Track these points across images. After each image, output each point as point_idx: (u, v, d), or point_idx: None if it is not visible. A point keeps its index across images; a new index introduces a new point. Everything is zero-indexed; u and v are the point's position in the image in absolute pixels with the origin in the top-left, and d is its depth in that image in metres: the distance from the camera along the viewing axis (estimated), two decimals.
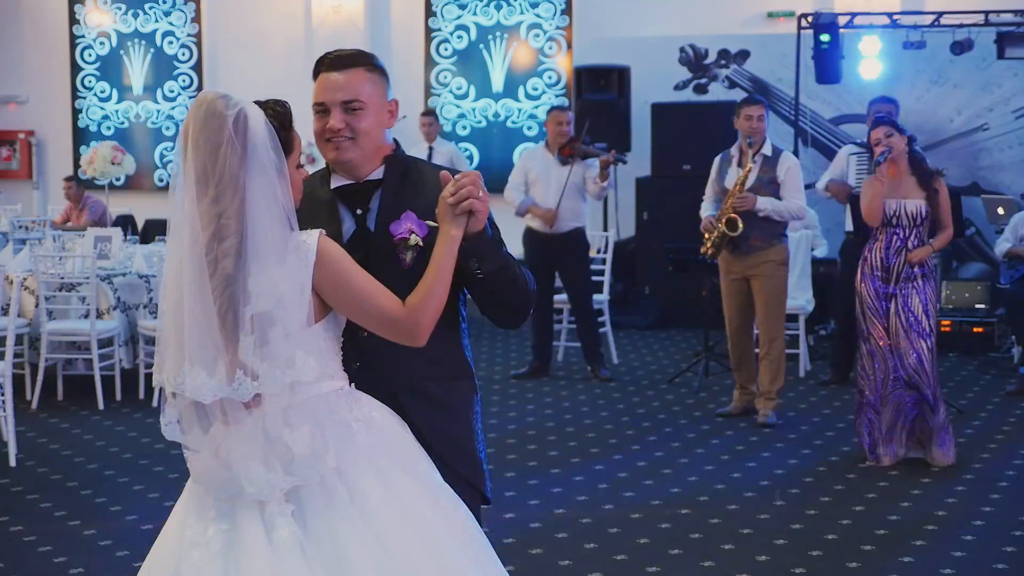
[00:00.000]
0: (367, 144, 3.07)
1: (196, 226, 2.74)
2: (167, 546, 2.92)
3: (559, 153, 9.12)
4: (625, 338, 10.93)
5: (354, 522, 2.79)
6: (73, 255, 8.89)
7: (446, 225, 2.90)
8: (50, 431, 7.90)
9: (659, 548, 5.69)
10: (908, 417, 6.94)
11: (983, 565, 5.49)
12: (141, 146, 13.93)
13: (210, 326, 2.74)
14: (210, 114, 2.76)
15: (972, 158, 11.75)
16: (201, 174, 2.75)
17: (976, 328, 10.25)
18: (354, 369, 2.97)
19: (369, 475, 2.83)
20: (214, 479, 2.83)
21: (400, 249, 2.97)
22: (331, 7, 13.33)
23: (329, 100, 3.05)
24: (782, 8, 12.40)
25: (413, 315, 2.87)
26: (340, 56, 3.08)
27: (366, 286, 2.86)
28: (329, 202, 3.11)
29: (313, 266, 2.80)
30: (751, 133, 7.80)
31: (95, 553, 5.66)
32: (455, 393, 3.15)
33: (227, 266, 2.73)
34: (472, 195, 2.89)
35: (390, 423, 2.95)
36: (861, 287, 7.01)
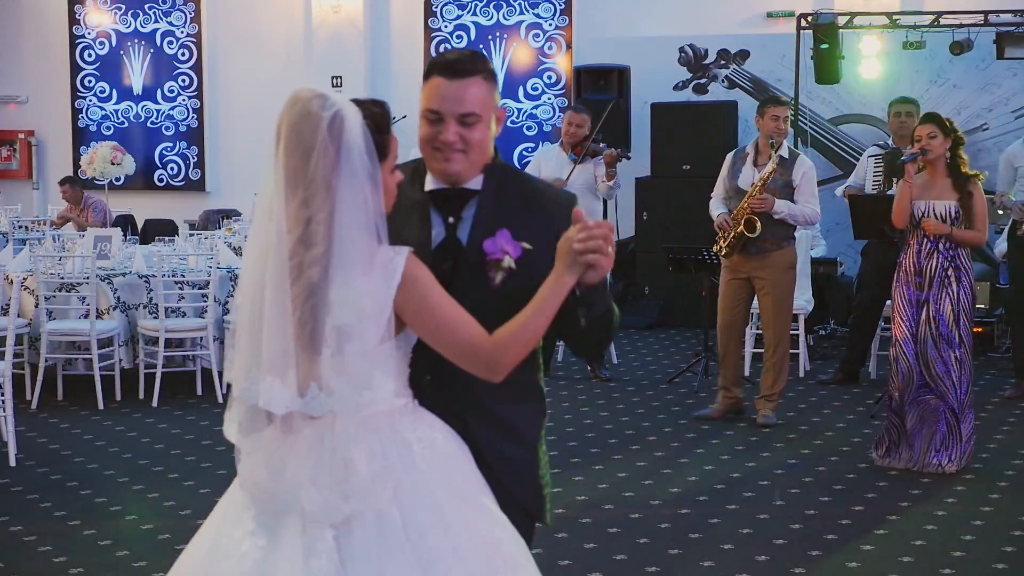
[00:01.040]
0: (478, 156, 2.92)
1: (282, 228, 2.63)
2: (199, 551, 2.81)
3: (572, 152, 9.19)
4: (625, 338, 10.93)
5: (404, 556, 2.66)
6: (73, 255, 8.89)
7: (562, 267, 2.72)
8: (50, 431, 7.89)
9: (659, 548, 5.69)
10: (935, 423, 6.79)
11: (983, 565, 5.49)
12: (141, 146, 13.92)
13: (286, 334, 2.63)
14: (304, 114, 2.63)
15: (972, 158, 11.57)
16: (291, 175, 2.63)
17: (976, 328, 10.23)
18: (424, 383, 2.84)
19: (426, 504, 2.70)
20: (262, 489, 2.72)
21: (491, 268, 2.83)
22: (331, 7, 13.32)
23: (447, 111, 2.87)
24: (782, 8, 12.39)
25: (497, 349, 2.71)
26: (459, 61, 2.90)
27: (449, 313, 2.71)
28: (421, 204, 2.95)
29: (397, 288, 2.67)
30: (775, 134, 7.76)
31: (95, 553, 5.66)
32: (523, 417, 3.01)
33: (313, 275, 2.62)
34: (601, 250, 2.71)
35: (452, 446, 2.82)
36: (895, 293, 6.93)
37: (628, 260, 11.92)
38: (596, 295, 2.84)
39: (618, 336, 10.57)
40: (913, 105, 9.13)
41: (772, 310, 7.87)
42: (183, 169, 14.05)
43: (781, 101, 8.03)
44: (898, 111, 9.08)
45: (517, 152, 13.03)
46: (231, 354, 2.77)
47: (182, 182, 14.04)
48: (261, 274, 2.67)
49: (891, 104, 9.28)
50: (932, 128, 6.79)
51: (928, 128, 6.80)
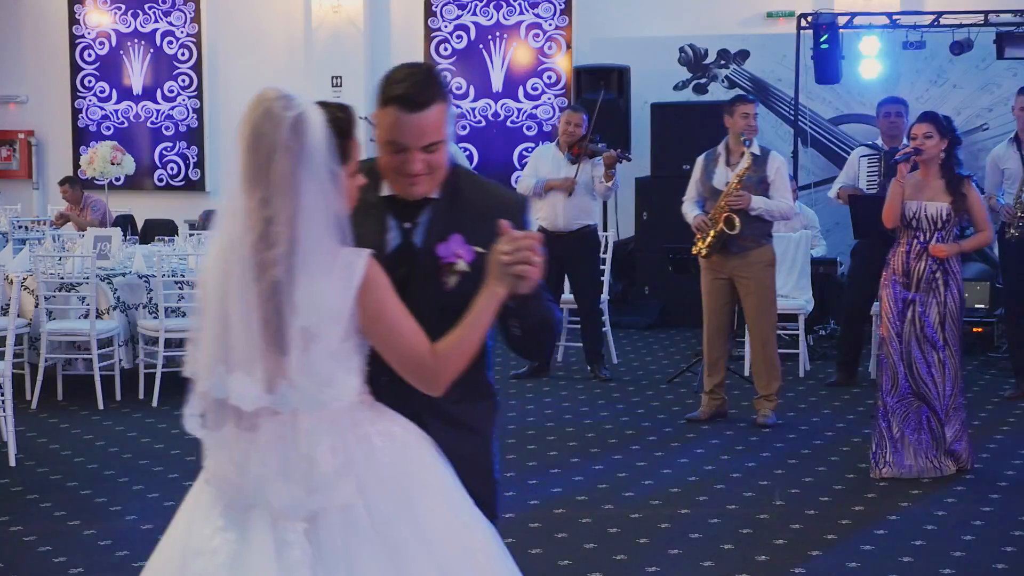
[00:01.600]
0: (440, 174, 2.97)
1: (244, 227, 2.66)
2: (170, 551, 2.85)
3: (568, 152, 9.19)
4: (625, 338, 10.93)
5: (372, 546, 2.72)
6: (73, 255, 8.89)
7: (492, 281, 2.79)
8: (50, 431, 7.90)
9: (659, 548, 5.69)
10: (921, 428, 6.73)
11: (983, 565, 5.49)
12: (141, 146, 13.92)
13: (252, 331, 2.67)
14: (267, 114, 2.65)
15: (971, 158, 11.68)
16: (253, 174, 2.66)
17: (976, 328, 10.25)
18: (381, 384, 2.89)
19: (390, 494, 2.76)
20: (229, 484, 2.76)
21: (445, 272, 2.89)
22: (331, 7, 13.33)
23: (409, 144, 2.88)
24: (782, 8, 12.40)
25: (437, 363, 2.78)
26: (416, 93, 2.85)
27: (402, 321, 2.77)
28: (378, 208, 2.98)
29: (357, 290, 2.71)
30: (746, 131, 7.79)
31: (95, 553, 5.66)
32: (477, 414, 3.10)
33: (276, 274, 2.65)
34: (528, 260, 2.77)
35: (412, 438, 2.87)
36: (883, 291, 6.85)
37: (628, 260, 11.92)
38: (528, 306, 2.89)
39: (618, 336, 10.57)
40: (903, 105, 9.14)
41: (757, 309, 7.89)
42: (183, 169, 14.06)
43: (749, 99, 8.06)
44: (887, 111, 9.09)
45: (517, 152, 13.03)
46: (193, 349, 2.80)
47: (182, 182, 14.04)
48: (224, 271, 2.71)
49: (880, 104, 9.28)
50: (928, 128, 6.69)
51: (924, 128, 6.69)
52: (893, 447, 6.72)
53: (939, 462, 6.74)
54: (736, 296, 7.95)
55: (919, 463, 6.73)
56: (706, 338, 8.03)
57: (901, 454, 6.73)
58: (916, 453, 6.73)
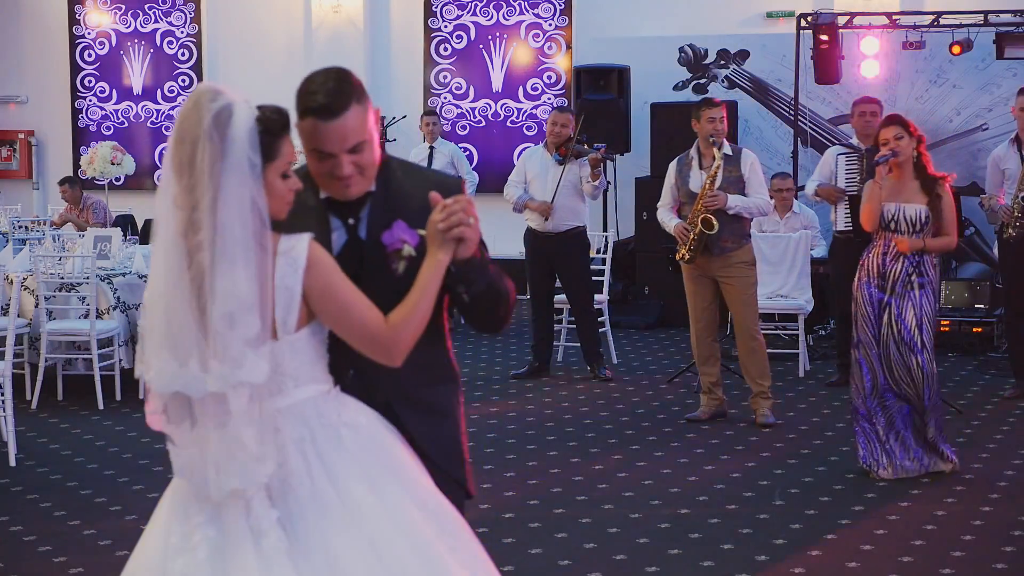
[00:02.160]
0: (372, 171, 3.03)
1: (174, 214, 2.75)
2: (150, 552, 2.89)
3: (556, 152, 9.19)
4: (625, 338, 10.93)
5: (346, 530, 2.78)
6: (73, 255, 8.89)
7: (433, 248, 2.88)
8: (50, 431, 7.90)
9: (659, 548, 5.69)
10: (906, 425, 6.72)
11: (983, 565, 5.49)
12: (141, 146, 13.93)
13: (184, 317, 2.74)
14: (194, 106, 2.75)
15: (971, 158, 11.75)
16: (179, 162, 2.75)
17: (976, 328, 10.26)
18: (348, 377, 2.97)
19: (360, 481, 2.82)
20: (201, 476, 2.82)
21: (393, 259, 2.94)
22: (331, 7, 13.34)
23: (334, 150, 2.93)
24: (781, 8, 12.40)
25: (393, 333, 2.85)
26: (329, 101, 2.90)
27: (351, 297, 2.84)
28: (318, 209, 3.05)
29: (303, 271, 2.79)
30: (714, 134, 7.83)
31: (95, 553, 5.66)
32: (444, 396, 3.18)
33: (202, 259, 2.73)
34: (462, 222, 2.86)
35: (377, 427, 2.94)
36: (857, 293, 6.81)
37: (628, 260, 11.92)
38: (471, 270, 2.95)
39: (618, 336, 10.57)
40: (878, 104, 9.16)
41: (742, 309, 7.95)
42: None
43: (714, 103, 8.09)
44: (863, 110, 9.10)
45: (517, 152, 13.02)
46: (140, 347, 2.87)
47: None
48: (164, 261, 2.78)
49: (855, 103, 9.29)
50: (898, 129, 6.67)
51: (894, 130, 6.67)
52: (882, 449, 6.69)
53: (926, 460, 6.73)
54: (718, 295, 8.02)
55: (907, 464, 6.70)
56: (694, 339, 8.11)
57: (890, 455, 6.69)
58: (903, 453, 6.71)
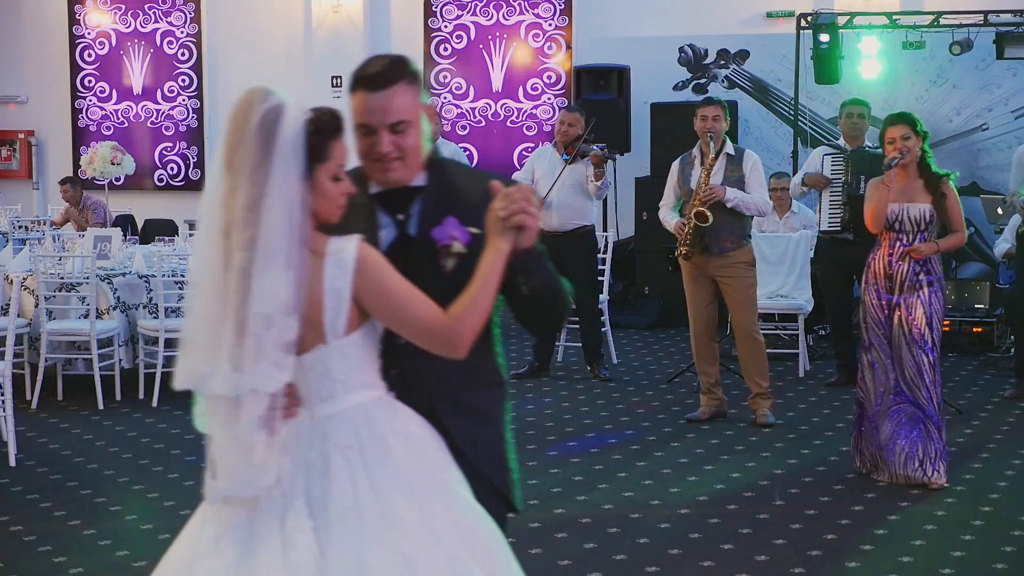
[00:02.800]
0: (414, 159, 3.00)
1: (219, 212, 2.73)
2: (180, 552, 2.86)
3: (564, 152, 9.22)
4: (625, 338, 10.93)
5: (382, 543, 2.72)
6: (73, 255, 8.89)
7: (494, 238, 2.84)
8: (50, 431, 7.90)
9: (659, 548, 5.69)
10: (910, 433, 6.59)
11: (983, 565, 5.49)
12: (141, 146, 13.92)
13: (221, 315, 2.71)
14: (245, 104, 2.74)
15: (971, 158, 11.76)
16: (227, 161, 2.74)
17: (975, 328, 10.26)
18: (391, 376, 2.91)
19: (402, 494, 2.76)
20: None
21: (442, 256, 2.90)
22: (331, 7, 13.33)
23: (376, 123, 2.94)
24: (781, 8, 12.40)
25: (455, 325, 2.79)
26: (379, 73, 2.94)
27: (407, 294, 2.79)
28: (367, 207, 3.02)
29: (353, 273, 2.75)
30: (711, 131, 7.86)
31: (95, 553, 5.66)
32: (490, 401, 3.12)
33: (242, 258, 2.70)
34: (524, 210, 2.83)
35: (427, 437, 2.88)
36: (864, 296, 6.75)
37: (628, 260, 11.92)
38: (532, 261, 2.94)
39: (618, 336, 10.57)
40: (864, 107, 9.17)
41: (741, 309, 7.95)
42: (183, 169, 14.06)
43: (710, 101, 8.15)
44: (850, 112, 9.13)
45: (517, 152, 13.03)
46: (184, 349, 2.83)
47: (182, 182, 14.04)
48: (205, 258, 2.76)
49: (843, 105, 9.31)
50: (905, 129, 6.60)
51: (902, 129, 6.60)
52: (880, 453, 6.62)
53: (931, 469, 6.55)
54: (716, 294, 8.02)
55: (910, 471, 6.57)
56: (693, 339, 8.11)
57: (890, 461, 6.60)
58: (908, 461, 6.58)
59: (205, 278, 2.74)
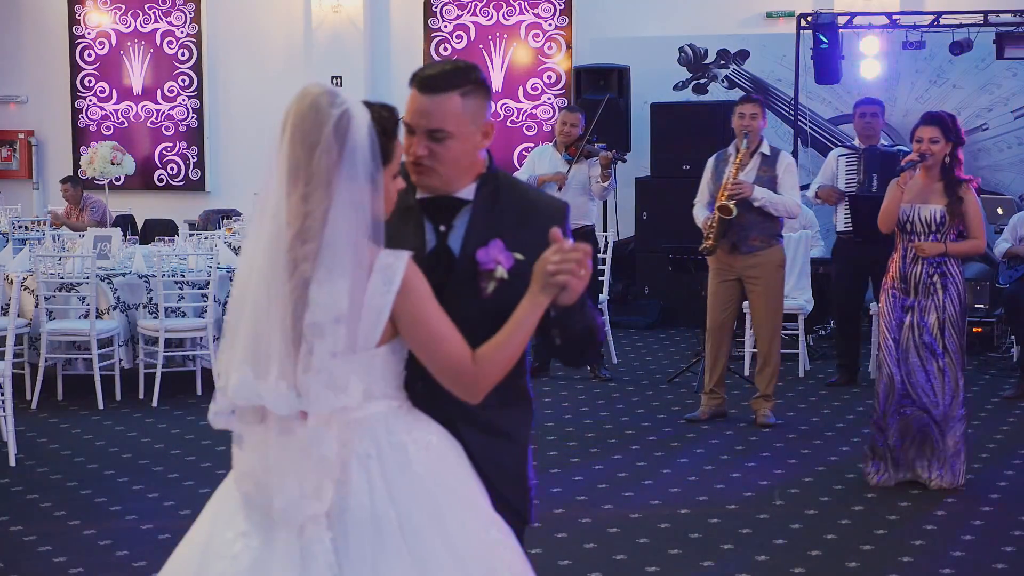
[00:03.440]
0: (449, 172, 2.92)
1: (281, 221, 2.64)
2: (190, 552, 2.79)
3: (565, 152, 9.21)
4: (625, 338, 10.93)
5: (400, 557, 2.66)
6: (73, 255, 8.89)
7: (536, 287, 2.76)
8: (50, 431, 7.90)
9: (659, 548, 5.69)
10: (915, 437, 6.52)
11: (983, 565, 5.49)
12: (141, 146, 13.92)
13: (276, 328, 2.64)
14: (313, 109, 2.63)
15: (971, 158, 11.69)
16: (293, 169, 2.64)
17: (975, 328, 10.25)
18: (416, 388, 2.86)
19: (421, 506, 2.71)
20: (255, 482, 2.71)
21: (483, 278, 2.84)
22: (331, 7, 13.33)
23: (415, 124, 2.90)
24: (781, 8, 12.40)
25: (479, 369, 2.74)
26: (433, 76, 2.89)
27: (442, 328, 2.73)
28: (415, 211, 2.95)
29: (396, 293, 2.68)
30: (747, 130, 7.81)
31: (95, 553, 5.66)
32: (512, 419, 3.04)
33: (306, 270, 2.63)
34: (574, 272, 2.74)
35: (447, 448, 2.83)
36: (881, 298, 6.69)
37: (628, 260, 11.92)
38: (571, 316, 2.87)
39: (618, 336, 10.57)
40: (878, 106, 9.18)
41: (765, 310, 7.90)
42: (183, 169, 14.05)
43: (748, 99, 8.10)
44: (863, 112, 9.16)
45: (517, 152, 13.03)
46: (225, 346, 2.76)
47: (182, 182, 14.04)
48: (262, 266, 2.67)
49: (856, 105, 9.33)
50: (935, 132, 6.44)
51: (931, 132, 6.45)
52: (884, 459, 6.57)
53: (937, 474, 6.51)
54: (742, 296, 7.97)
55: (915, 474, 6.55)
56: (709, 333, 8.00)
57: (896, 464, 6.56)
58: (913, 464, 6.55)
59: (261, 288, 2.65)
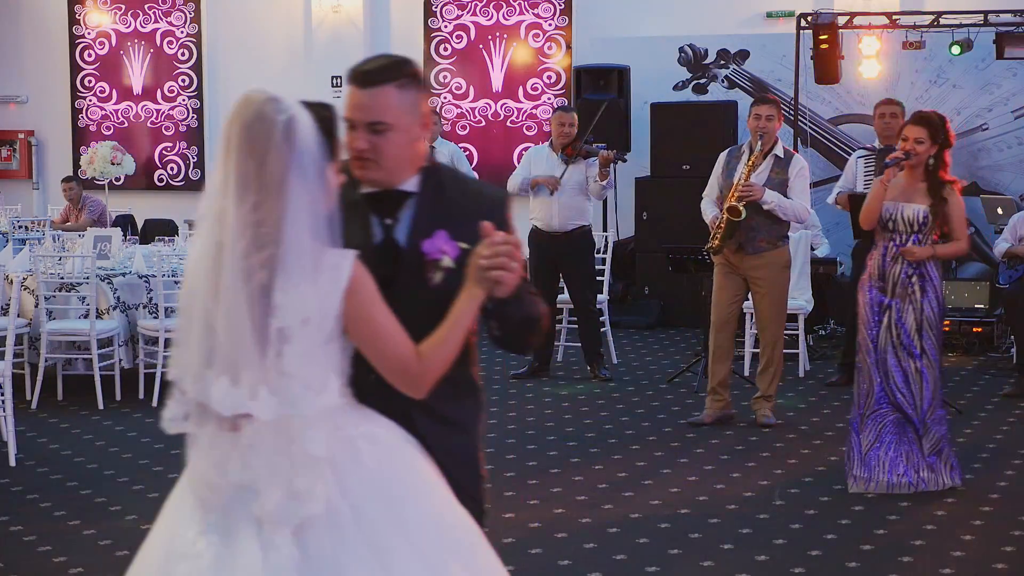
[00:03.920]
0: (392, 164, 2.96)
1: (235, 231, 2.65)
2: (153, 555, 2.83)
3: (562, 152, 9.20)
4: (625, 338, 10.93)
5: (358, 547, 2.71)
6: (73, 255, 8.89)
7: (471, 283, 2.83)
8: (50, 431, 7.90)
9: (659, 548, 5.70)
10: (899, 439, 6.49)
11: (983, 565, 5.49)
12: (141, 146, 13.92)
13: (242, 336, 2.66)
14: (258, 117, 2.64)
15: (971, 158, 11.75)
16: (242, 179, 2.64)
17: (975, 328, 10.26)
18: (370, 382, 2.89)
19: (374, 498, 2.75)
20: (211, 487, 2.75)
21: (430, 268, 2.89)
22: (331, 7, 13.33)
23: (355, 119, 2.94)
24: (781, 8, 12.40)
25: (422, 365, 2.80)
26: (368, 71, 2.93)
27: (387, 326, 2.78)
28: (360, 205, 3.00)
29: (343, 292, 2.71)
30: (762, 131, 7.77)
31: (95, 553, 5.66)
32: (465, 411, 3.12)
33: (263, 277, 2.65)
34: (504, 266, 2.81)
35: (396, 439, 2.87)
36: (860, 296, 6.67)
37: (628, 260, 11.92)
38: (508, 308, 2.93)
39: (618, 336, 10.57)
40: (898, 106, 9.18)
41: (770, 310, 7.87)
42: (183, 169, 14.05)
43: (765, 100, 8.07)
44: (883, 112, 9.16)
45: (517, 152, 13.02)
46: (177, 351, 2.80)
47: (182, 182, 14.04)
48: (211, 274, 2.69)
49: (876, 105, 9.34)
50: (921, 133, 6.43)
51: (917, 131, 6.44)
52: (861, 461, 6.51)
53: (916, 477, 6.50)
54: (746, 294, 7.95)
55: (892, 478, 6.49)
56: (713, 329, 7.94)
57: (871, 468, 6.50)
58: (891, 467, 6.50)
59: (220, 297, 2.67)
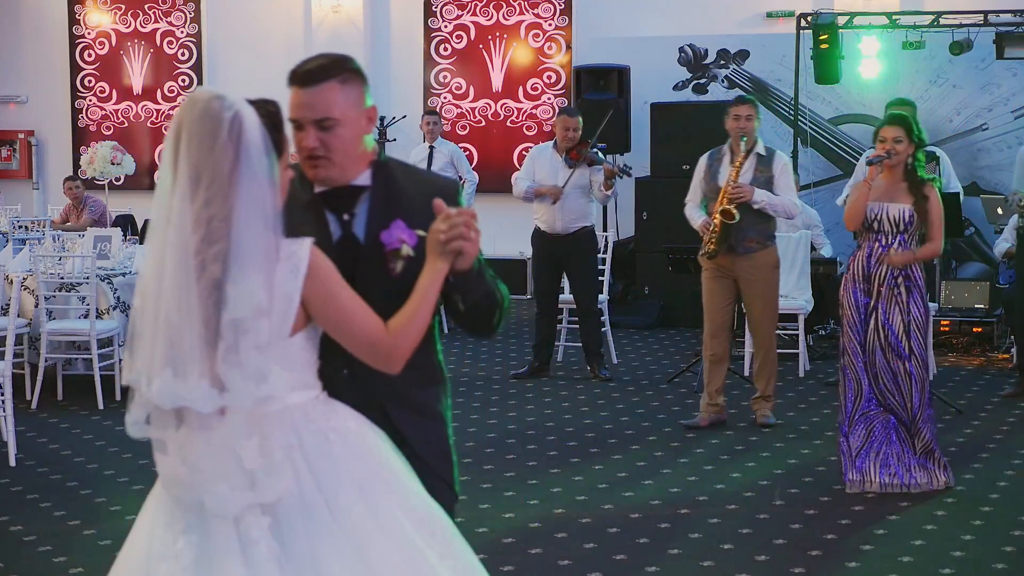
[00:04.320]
0: (344, 159, 3.02)
1: (186, 228, 2.68)
2: (133, 557, 2.85)
3: (566, 155, 9.18)
4: (624, 338, 10.93)
5: (334, 537, 2.75)
6: (73, 255, 8.89)
7: (433, 257, 2.88)
8: (50, 431, 7.90)
9: (659, 548, 5.70)
10: (888, 439, 6.50)
11: (983, 565, 5.49)
12: (141, 146, 13.93)
13: (191, 330, 2.70)
14: (205, 115, 2.69)
15: (971, 158, 11.76)
16: (193, 176, 2.69)
17: (975, 328, 10.26)
18: (342, 377, 2.96)
19: (348, 488, 2.79)
20: (182, 484, 2.78)
21: (390, 259, 2.94)
22: (331, 7, 13.34)
23: (302, 118, 2.99)
24: (781, 8, 12.40)
25: (393, 340, 2.84)
26: (309, 70, 3.00)
27: (352, 304, 2.82)
28: (315, 204, 3.05)
29: (304, 279, 2.75)
30: (743, 131, 7.79)
31: (95, 553, 5.66)
32: (434, 397, 3.19)
33: (215, 271, 2.69)
34: (463, 236, 2.87)
35: (366, 432, 2.91)
36: (843, 298, 6.62)
37: (628, 260, 11.92)
38: (469, 281, 2.98)
39: (617, 336, 10.57)
40: (910, 107, 9.16)
41: (762, 312, 7.86)
42: None
43: (742, 100, 8.03)
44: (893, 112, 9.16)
45: (517, 152, 13.03)
46: (128, 354, 2.84)
47: None
48: (164, 272, 2.72)
49: (888, 105, 9.33)
50: (899, 132, 6.47)
51: (895, 132, 6.48)
52: (851, 463, 6.51)
53: (908, 476, 6.51)
54: (738, 296, 7.94)
55: (884, 479, 6.49)
56: (708, 337, 7.93)
57: (863, 470, 6.50)
58: (881, 468, 6.50)
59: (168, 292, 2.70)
